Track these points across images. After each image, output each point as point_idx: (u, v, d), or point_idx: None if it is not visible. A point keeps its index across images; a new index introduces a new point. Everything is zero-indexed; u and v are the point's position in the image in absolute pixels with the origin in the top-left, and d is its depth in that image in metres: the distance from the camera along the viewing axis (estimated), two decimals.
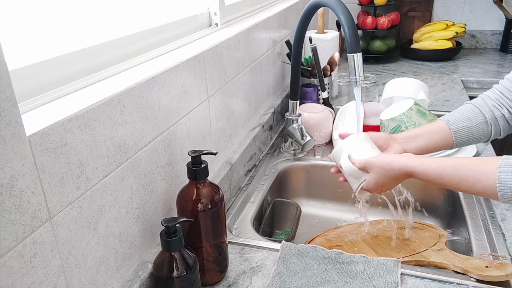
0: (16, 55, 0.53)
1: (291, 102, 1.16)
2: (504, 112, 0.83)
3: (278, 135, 1.33)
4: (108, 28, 0.71)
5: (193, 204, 0.69)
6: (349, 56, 0.81)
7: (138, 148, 0.65)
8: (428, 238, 0.87)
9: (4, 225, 0.43)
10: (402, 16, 2.21)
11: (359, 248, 0.88)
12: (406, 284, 0.72)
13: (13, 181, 0.44)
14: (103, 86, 0.62)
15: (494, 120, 0.84)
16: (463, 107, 0.88)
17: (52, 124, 0.48)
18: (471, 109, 0.86)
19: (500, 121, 0.84)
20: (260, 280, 0.74)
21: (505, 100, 0.83)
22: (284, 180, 1.18)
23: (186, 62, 0.77)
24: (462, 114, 0.85)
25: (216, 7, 1.03)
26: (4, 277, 0.44)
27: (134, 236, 0.66)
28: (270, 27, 1.26)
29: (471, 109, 0.86)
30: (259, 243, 0.84)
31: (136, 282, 0.65)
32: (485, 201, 0.94)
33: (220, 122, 0.95)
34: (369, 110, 1.27)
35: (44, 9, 0.59)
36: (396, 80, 1.36)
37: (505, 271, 0.70)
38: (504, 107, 0.83)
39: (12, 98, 0.42)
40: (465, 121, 0.84)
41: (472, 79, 1.76)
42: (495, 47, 2.19)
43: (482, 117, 0.84)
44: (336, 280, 0.73)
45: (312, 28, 1.62)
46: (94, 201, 0.56)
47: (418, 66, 1.97)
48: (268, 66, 1.28)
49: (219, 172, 0.95)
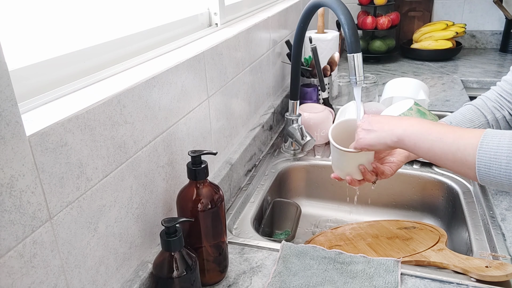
0: (16, 55, 0.53)
1: (291, 102, 1.16)
2: (505, 114, 0.83)
3: (278, 135, 1.33)
4: (108, 28, 0.71)
5: (193, 204, 0.69)
6: (349, 56, 0.81)
7: (138, 148, 0.65)
8: (428, 238, 0.87)
9: (4, 225, 0.43)
10: (402, 16, 2.21)
11: (359, 248, 0.88)
12: (406, 284, 0.72)
13: (13, 181, 0.44)
14: (103, 86, 0.62)
15: (496, 121, 0.84)
16: (465, 109, 0.88)
17: (52, 124, 0.48)
18: (473, 111, 0.86)
19: (501, 122, 0.83)
20: (260, 280, 0.74)
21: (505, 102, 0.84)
22: (284, 180, 1.18)
23: (186, 62, 0.77)
24: (464, 116, 0.85)
25: (216, 7, 1.03)
26: (4, 277, 0.44)
27: (134, 236, 0.66)
28: (270, 27, 1.26)
29: (472, 111, 0.86)
30: (259, 243, 0.84)
31: (136, 282, 0.65)
32: (485, 201, 0.94)
33: (220, 122, 0.95)
34: (369, 110, 1.27)
35: (44, 9, 0.59)
36: (396, 80, 1.36)
37: (505, 271, 0.70)
38: (505, 109, 0.83)
39: (12, 98, 0.42)
40: (468, 122, 0.84)
41: (472, 79, 1.76)
42: (495, 47, 2.19)
43: (484, 119, 0.84)
44: (336, 280, 0.73)
45: (312, 28, 1.62)
46: (94, 201, 0.56)
47: (418, 66, 1.97)
48: (268, 66, 1.28)
49: (219, 172, 0.95)
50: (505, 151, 0.56)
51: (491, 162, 0.57)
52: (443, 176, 1.06)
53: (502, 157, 0.56)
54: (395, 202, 1.14)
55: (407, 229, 0.92)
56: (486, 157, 0.58)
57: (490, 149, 0.58)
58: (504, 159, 0.56)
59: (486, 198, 0.94)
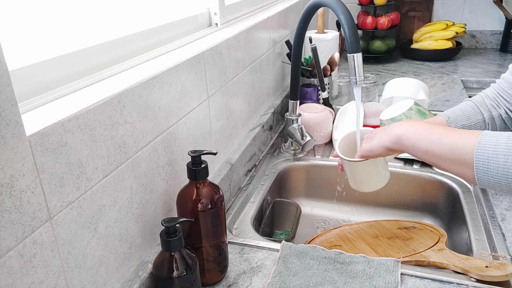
0: (16, 55, 0.53)
1: (291, 102, 1.16)
2: (501, 112, 0.84)
3: (278, 135, 1.33)
4: (108, 28, 0.71)
5: (193, 204, 0.69)
6: (349, 56, 0.81)
7: (138, 148, 0.65)
8: (428, 238, 0.87)
9: (4, 225, 0.43)
10: (402, 16, 2.21)
11: (359, 248, 0.88)
12: (406, 284, 0.72)
13: (13, 181, 0.44)
14: (103, 86, 0.62)
15: (492, 120, 0.84)
16: (464, 104, 0.88)
17: (52, 124, 0.48)
18: (471, 107, 0.86)
19: (497, 120, 0.84)
20: (260, 280, 0.74)
21: (502, 100, 0.84)
22: (284, 180, 1.18)
23: (186, 62, 0.77)
24: (462, 112, 0.86)
25: (216, 7, 1.03)
26: (4, 277, 0.44)
27: (134, 236, 0.66)
28: (270, 27, 1.26)
29: (471, 107, 0.87)
30: (259, 243, 0.84)
31: (136, 282, 0.65)
32: (485, 201, 0.94)
33: (220, 122, 0.95)
34: (369, 110, 1.27)
35: (44, 9, 0.59)
36: (396, 80, 1.36)
37: (505, 271, 0.70)
38: (501, 107, 0.84)
39: (12, 98, 0.42)
40: (465, 119, 0.85)
41: (472, 79, 1.76)
42: (495, 47, 2.19)
43: (481, 116, 0.85)
44: (336, 280, 0.73)
45: (312, 28, 1.62)
46: (94, 201, 0.56)
47: (418, 66, 1.97)
48: (268, 66, 1.28)
49: (219, 172, 0.95)
50: (502, 150, 0.56)
51: (489, 161, 0.58)
52: (443, 176, 1.06)
53: (500, 156, 0.56)
54: (395, 202, 1.14)
55: (407, 229, 0.92)
56: (484, 156, 0.58)
57: (488, 147, 0.58)
58: (502, 158, 0.56)
59: (486, 198, 0.94)
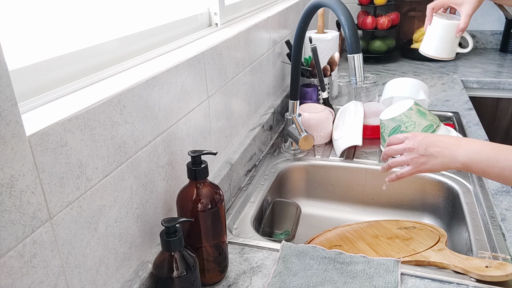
0: (16, 55, 0.53)
1: (291, 102, 1.16)
2: None
3: (278, 135, 1.33)
4: (108, 28, 0.71)
5: (193, 204, 0.69)
6: (349, 57, 0.81)
7: (138, 148, 0.65)
8: (428, 238, 0.87)
9: (4, 225, 0.43)
10: (402, 16, 2.21)
11: (359, 248, 0.88)
12: (406, 284, 0.72)
13: (13, 181, 0.44)
14: (103, 86, 0.62)
15: None
16: None
17: (52, 124, 0.48)
18: None
19: None
20: (260, 280, 0.74)
21: None
22: (284, 180, 1.18)
23: (186, 62, 0.77)
24: None
25: (216, 7, 1.03)
26: (4, 277, 0.44)
27: (134, 236, 0.66)
28: (270, 27, 1.26)
29: None
30: (259, 243, 0.84)
31: (136, 282, 0.65)
32: (485, 201, 0.94)
33: (220, 122, 0.95)
34: (369, 110, 1.27)
35: (44, 9, 0.59)
36: (396, 80, 1.36)
37: (505, 271, 0.70)
38: None
39: (12, 98, 0.42)
40: None
41: (472, 79, 1.76)
42: (495, 47, 2.19)
43: None
44: (336, 280, 0.73)
45: (312, 28, 1.62)
46: (94, 201, 0.56)
47: (418, 66, 1.97)
48: (268, 66, 1.28)
49: (219, 172, 0.95)
50: None
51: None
52: (443, 176, 1.06)
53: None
54: (395, 202, 1.14)
55: (407, 229, 0.92)
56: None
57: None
58: None
59: (486, 198, 0.94)
